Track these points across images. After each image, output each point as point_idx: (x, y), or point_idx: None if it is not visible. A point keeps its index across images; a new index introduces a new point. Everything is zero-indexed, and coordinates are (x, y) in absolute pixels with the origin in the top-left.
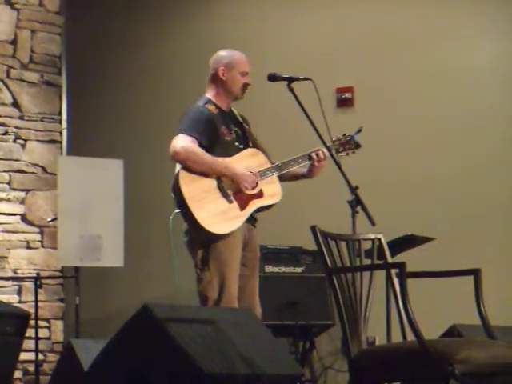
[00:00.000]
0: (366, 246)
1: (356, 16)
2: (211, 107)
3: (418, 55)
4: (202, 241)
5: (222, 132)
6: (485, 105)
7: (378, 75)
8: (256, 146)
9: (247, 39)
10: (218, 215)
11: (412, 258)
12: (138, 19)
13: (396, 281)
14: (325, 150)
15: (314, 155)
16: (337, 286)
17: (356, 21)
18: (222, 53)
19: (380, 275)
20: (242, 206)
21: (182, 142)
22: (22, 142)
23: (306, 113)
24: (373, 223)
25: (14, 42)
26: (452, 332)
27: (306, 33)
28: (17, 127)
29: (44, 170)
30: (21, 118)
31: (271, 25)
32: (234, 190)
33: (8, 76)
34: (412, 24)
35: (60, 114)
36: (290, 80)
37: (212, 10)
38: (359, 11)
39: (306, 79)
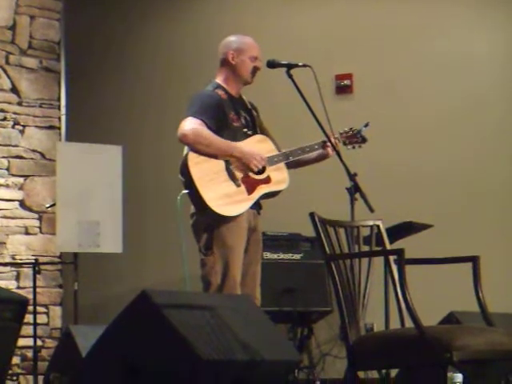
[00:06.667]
0: (365, 232)
1: (355, 4)
2: (220, 92)
3: (417, 42)
4: (206, 224)
5: (231, 117)
6: (483, 92)
7: (377, 62)
8: (264, 133)
9: (246, 26)
10: (224, 197)
11: (410, 245)
12: (137, 6)
13: (394, 267)
14: (339, 144)
15: (329, 150)
16: (335, 272)
17: (355, 8)
18: (232, 38)
19: (378, 262)
20: (249, 191)
21: (191, 125)
22: (21, 127)
23: (305, 99)
24: (371, 210)
25: (12, 28)
26: (450, 319)
27: (306, 20)
28: (15, 113)
29: (43, 155)
30: (19, 103)
31: (270, 12)
32: (242, 174)
33: (7, 62)
34: (411, 11)
35: (59, 99)
36: (289, 66)
37: None
38: None
39: (305, 66)
